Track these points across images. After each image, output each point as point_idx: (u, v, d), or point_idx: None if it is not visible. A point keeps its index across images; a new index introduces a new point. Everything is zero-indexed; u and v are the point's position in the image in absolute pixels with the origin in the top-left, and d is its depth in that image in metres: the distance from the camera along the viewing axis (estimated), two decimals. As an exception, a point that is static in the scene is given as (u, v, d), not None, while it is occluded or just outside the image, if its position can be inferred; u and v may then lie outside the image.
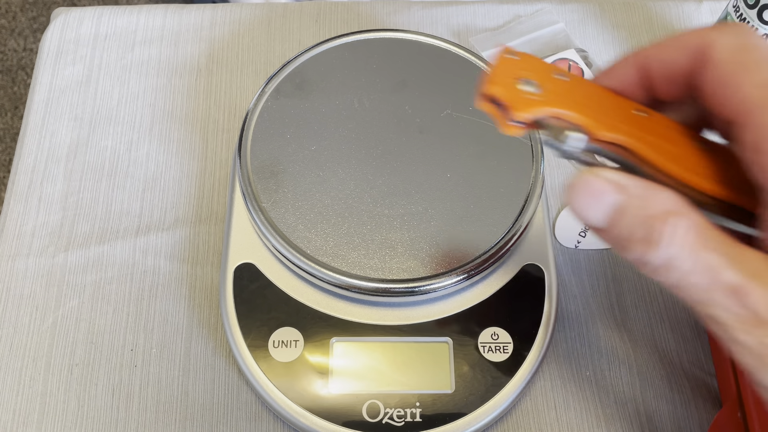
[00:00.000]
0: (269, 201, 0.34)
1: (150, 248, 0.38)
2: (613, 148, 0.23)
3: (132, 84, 0.43)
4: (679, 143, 0.23)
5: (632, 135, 0.23)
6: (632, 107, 0.24)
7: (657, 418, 0.34)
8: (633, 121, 0.23)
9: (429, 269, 0.32)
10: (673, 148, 0.23)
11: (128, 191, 0.40)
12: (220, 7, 0.47)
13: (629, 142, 0.23)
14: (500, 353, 0.33)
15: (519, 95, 0.23)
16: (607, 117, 0.23)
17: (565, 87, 0.24)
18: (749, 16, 0.36)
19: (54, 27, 0.45)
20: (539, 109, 0.23)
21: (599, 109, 0.23)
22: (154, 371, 0.35)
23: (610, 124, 0.23)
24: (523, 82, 0.24)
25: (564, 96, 0.23)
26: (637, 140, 0.23)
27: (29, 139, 0.41)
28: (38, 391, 0.34)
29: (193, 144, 0.41)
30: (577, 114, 0.23)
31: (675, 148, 0.23)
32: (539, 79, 0.24)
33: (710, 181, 0.23)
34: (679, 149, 0.23)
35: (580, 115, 0.23)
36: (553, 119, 0.23)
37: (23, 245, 0.38)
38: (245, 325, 0.33)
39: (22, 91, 1.24)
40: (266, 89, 0.37)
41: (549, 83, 0.24)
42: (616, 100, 0.24)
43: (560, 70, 0.24)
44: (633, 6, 0.48)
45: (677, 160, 0.23)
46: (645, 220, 0.20)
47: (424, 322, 0.34)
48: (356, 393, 0.32)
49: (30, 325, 0.36)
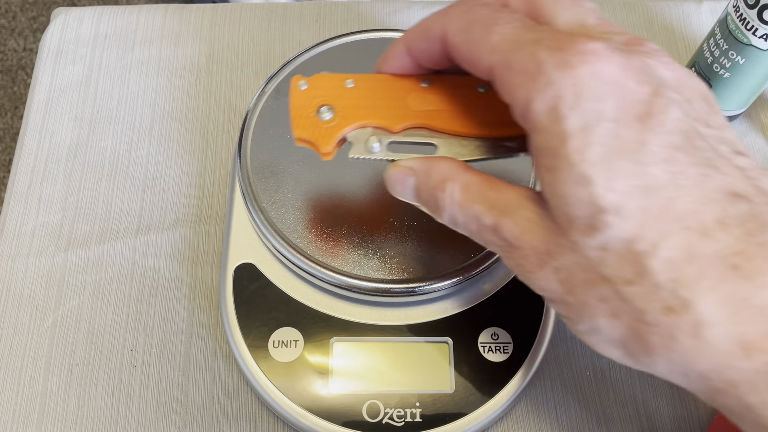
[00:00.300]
0: (269, 201, 0.34)
1: (150, 248, 0.38)
2: (412, 131, 0.27)
3: (132, 84, 0.43)
4: (455, 100, 0.27)
5: (419, 116, 0.27)
6: (418, 81, 0.27)
7: (657, 418, 0.34)
8: (418, 99, 0.27)
9: (429, 269, 0.32)
10: (451, 108, 0.27)
11: (128, 191, 0.40)
12: (220, 7, 0.47)
13: (419, 122, 0.27)
14: (500, 353, 0.33)
15: (319, 129, 0.27)
16: (396, 109, 0.27)
17: (357, 95, 0.27)
18: (749, 16, 0.36)
19: (54, 27, 0.45)
20: (339, 134, 0.27)
21: (389, 104, 0.27)
22: (154, 371, 0.35)
23: (400, 115, 0.27)
24: (321, 110, 0.27)
25: (356, 107, 0.27)
26: (424, 118, 0.27)
27: (29, 139, 0.41)
28: (38, 391, 0.34)
29: (193, 144, 0.41)
30: (368, 120, 0.27)
31: (455, 108, 0.27)
32: (332, 97, 0.27)
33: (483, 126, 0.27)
34: (458, 107, 0.27)
35: (372, 120, 0.27)
36: (354, 132, 0.27)
37: (23, 245, 0.38)
38: (245, 325, 0.33)
39: (22, 91, 1.24)
40: (266, 89, 0.37)
41: (341, 98, 0.27)
42: (402, 83, 0.27)
43: (349, 76, 0.27)
44: (633, 6, 0.48)
45: (457, 119, 0.27)
46: (430, 191, 0.25)
47: (424, 322, 0.34)
48: (356, 393, 0.32)
49: (30, 325, 0.36)
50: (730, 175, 0.21)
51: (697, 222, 0.20)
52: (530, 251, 0.23)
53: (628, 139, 0.21)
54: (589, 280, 0.21)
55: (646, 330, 0.21)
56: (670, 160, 0.21)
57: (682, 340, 0.20)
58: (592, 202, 0.21)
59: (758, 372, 0.19)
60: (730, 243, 0.20)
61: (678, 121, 0.21)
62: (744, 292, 0.19)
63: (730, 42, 0.38)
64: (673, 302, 0.20)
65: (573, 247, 0.21)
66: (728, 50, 0.38)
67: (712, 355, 0.20)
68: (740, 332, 0.19)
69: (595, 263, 0.21)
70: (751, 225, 0.20)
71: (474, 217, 0.24)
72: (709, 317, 0.19)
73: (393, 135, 0.27)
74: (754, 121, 0.44)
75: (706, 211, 0.20)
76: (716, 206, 0.20)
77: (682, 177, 0.20)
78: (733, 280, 0.20)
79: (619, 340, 0.22)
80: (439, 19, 0.25)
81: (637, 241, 0.20)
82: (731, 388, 0.20)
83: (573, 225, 0.21)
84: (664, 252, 0.20)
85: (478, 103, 0.27)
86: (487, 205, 0.24)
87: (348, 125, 0.27)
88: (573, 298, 0.22)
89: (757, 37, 0.36)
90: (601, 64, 0.21)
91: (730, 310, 0.19)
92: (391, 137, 0.27)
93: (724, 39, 0.38)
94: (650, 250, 0.20)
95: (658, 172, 0.20)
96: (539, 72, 0.21)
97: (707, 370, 0.20)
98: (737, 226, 0.20)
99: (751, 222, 0.20)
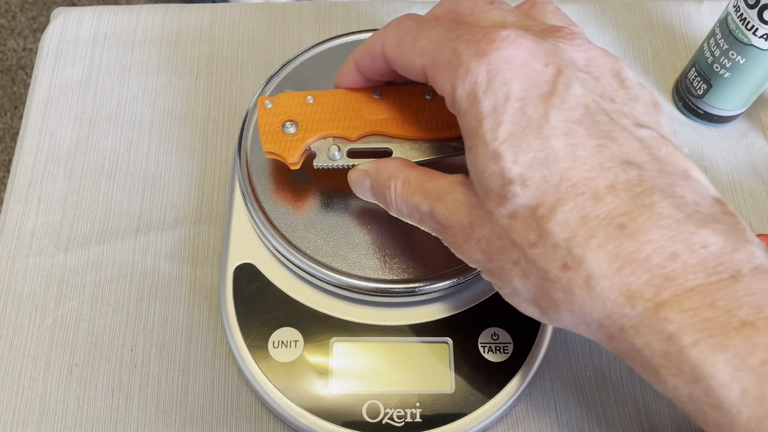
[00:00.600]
0: (269, 201, 0.34)
1: (150, 248, 0.38)
2: (368, 138, 0.31)
3: (132, 84, 0.43)
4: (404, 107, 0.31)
5: (373, 124, 0.30)
6: (371, 93, 0.31)
7: (657, 418, 0.34)
8: (371, 109, 0.31)
9: (429, 269, 0.32)
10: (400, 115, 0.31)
11: (128, 191, 0.40)
12: (220, 7, 0.47)
13: (374, 130, 0.30)
14: (500, 353, 0.33)
15: (285, 143, 0.31)
16: (352, 119, 0.30)
17: (316, 109, 0.31)
18: (749, 16, 0.36)
19: (54, 27, 0.45)
20: (302, 145, 0.31)
21: (346, 115, 0.31)
22: (153, 371, 0.35)
23: (356, 125, 0.30)
24: (286, 125, 0.31)
25: (317, 120, 0.31)
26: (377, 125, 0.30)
27: (29, 139, 0.41)
28: (38, 391, 0.34)
29: (193, 144, 0.41)
30: (328, 131, 0.30)
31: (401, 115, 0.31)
32: (295, 113, 0.31)
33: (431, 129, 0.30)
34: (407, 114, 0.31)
35: (331, 130, 0.30)
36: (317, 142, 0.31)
37: (23, 245, 0.38)
38: (245, 326, 0.33)
39: (21, 90, 1.24)
40: (266, 89, 0.37)
41: (303, 113, 0.31)
42: (356, 96, 0.31)
43: (310, 93, 0.31)
44: (633, 6, 0.48)
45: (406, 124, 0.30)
46: (380, 189, 0.29)
47: (424, 322, 0.34)
48: (356, 393, 0.32)
49: (30, 325, 0.36)
50: (627, 145, 0.24)
51: (590, 188, 0.23)
52: (458, 228, 0.25)
53: (534, 116, 0.23)
54: (503, 246, 0.24)
55: (550, 286, 0.23)
56: (569, 133, 0.23)
57: (578, 293, 0.22)
58: (502, 175, 0.23)
59: (641, 317, 0.22)
60: (618, 205, 0.22)
61: (579, 97, 0.24)
62: (628, 247, 0.22)
63: (730, 42, 0.38)
64: (568, 259, 0.22)
65: (489, 217, 0.24)
66: (728, 50, 0.38)
67: (603, 304, 0.22)
68: (624, 283, 0.22)
69: (507, 230, 0.24)
70: (639, 189, 0.22)
71: (414, 206, 0.27)
72: (598, 271, 0.22)
73: (351, 143, 0.31)
74: (754, 121, 0.44)
75: (598, 178, 0.23)
76: (609, 173, 0.23)
77: (580, 148, 0.23)
78: (619, 237, 0.22)
79: (533, 299, 0.24)
80: (378, 38, 0.28)
81: (538, 207, 0.23)
82: (621, 333, 0.22)
83: (488, 196, 0.24)
84: (560, 215, 0.22)
85: (426, 109, 0.31)
86: (424, 195, 0.27)
87: (310, 137, 0.31)
88: (493, 265, 0.25)
89: (758, 37, 0.36)
90: (512, 49, 0.24)
91: (616, 265, 0.22)
92: (349, 145, 0.31)
93: (725, 39, 0.38)
94: (549, 214, 0.23)
95: (558, 144, 0.23)
96: (459, 63, 0.24)
97: (601, 318, 0.23)
98: (626, 191, 0.22)
99: (639, 187, 0.23)
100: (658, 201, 0.22)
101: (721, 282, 0.21)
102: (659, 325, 0.21)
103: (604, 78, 0.25)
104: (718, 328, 0.21)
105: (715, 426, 0.21)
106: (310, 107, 0.31)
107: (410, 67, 0.27)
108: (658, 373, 0.22)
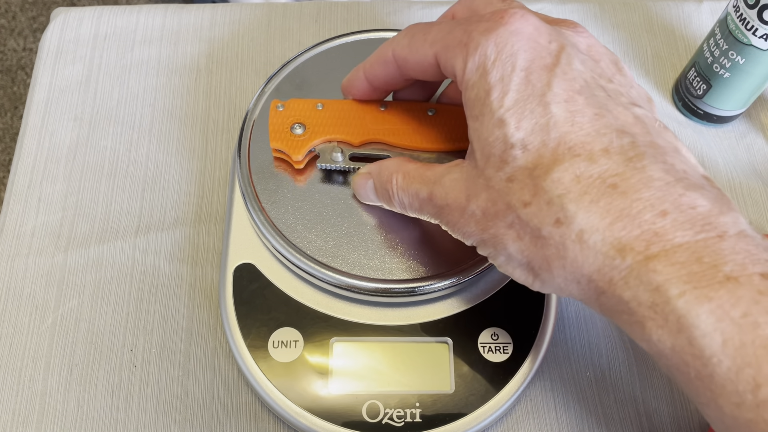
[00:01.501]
0: (269, 201, 0.34)
1: (150, 248, 0.38)
2: (370, 146, 0.33)
3: (132, 84, 0.43)
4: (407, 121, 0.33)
5: (376, 133, 0.33)
6: (377, 105, 0.33)
7: (657, 418, 0.34)
8: (376, 120, 0.33)
9: (429, 269, 0.32)
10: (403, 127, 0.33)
11: (128, 191, 0.40)
12: (220, 7, 0.47)
13: (376, 138, 0.33)
14: (500, 353, 0.33)
15: (292, 142, 0.33)
16: (356, 127, 0.33)
17: (325, 115, 0.33)
18: (749, 16, 0.36)
19: (54, 27, 0.45)
20: (308, 146, 0.33)
21: (351, 122, 0.33)
22: (153, 371, 0.35)
23: (359, 132, 0.33)
24: (294, 127, 0.33)
25: (324, 125, 0.33)
26: (377, 134, 0.33)
27: (29, 139, 0.41)
28: (38, 391, 0.34)
29: (193, 144, 0.41)
30: (333, 135, 0.33)
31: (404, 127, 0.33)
32: (305, 117, 0.33)
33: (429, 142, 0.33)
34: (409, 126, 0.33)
35: (336, 135, 0.33)
36: (322, 145, 0.33)
37: (23, 245, 0.38)
38: (245, 326, 0.33)
39: (21, 91, 1.24)
40: (266, 89, 0.37)
41: (312, 118, 0.33)
42: (363, 107, 0.33)
43: (320, 101, 0.33)
44: (633, 6, 0.48)
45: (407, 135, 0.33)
46: (383, 186, 0.30)
47: (424, 322, 0.34)
48: (356, 393, 0.32)
49: (30, 325, 0.36)
50: (622, 118, 0.25)
51: (586, 151, 0.24)
52: (455, 205, 0.27)
53: (537, 84, 0.25)
54: (498, 211, 0.25)
55: (543, 243, 0.24)
56: (569, 101, 0.25)
57: (570, 247, 0.23)
58: (505, 140, 0.25)
59: (630, 269, 0.23)
60: (611, 167, 0.24)
61: (580, 72, 0.25)
62: (620, 204, 0.23)
63: (730, 42, 0.38)
64: (561, 215, 0.23)
65: (487, 183, 0.25)
66: (728, 50, 0.38)
67: (594, 257, 0.23)
68: (616, 237, 0.23)
69: (503, 193, 0.25)
70: (632, 153, 0.24)
71: (414, 194, 0.29)
72: (590, 225, 0.23)
73: (354, 148, 0.33)
74: (754, 121, 0.44)
75: (594, 143, 0.24)
76: (604, 138, 0.24)
77: (579, 115, 0.24)
78: (611, 195, 0.23)
79: (526, 262, 0.25)
80: (388, 45, 0.30)
81: (536, 168, 0.24)
82: (610, 286, 0.23)
83: (489, 162, 0.25)
84: (555, 174, 0.24)
85: (426, 123, 0.33)
86: (422, 182, 0.28)
87: (316, 139, 0.33)
88: (487, 234, 0.26)
89: (757, 37, 0.36)
90: (518, 23, 0.25)
91: (608, 219, 0.23)
92: (352, 150, 0.33)
93: (724, 39, 0.38)
94: (544, 174, 0.24)
95: (558, 111, 0.24)
96: (470, 40, 0.26)
97: (592, 272, 0.23)
98: (619, 155, 0.24)
99: (632, 151, 0.24)
100: (649, 165, 0.24)
101: (708, 240, 0.22)
102: (647, 277, 0.22)
103: (603, 62, 0.27)
104: (703, 281, 0.22)
105: (697, 377, 0.22)
106: (318, 113, 0.33)
107: (421, 61, 0.28)
108: (643, 325, 0.23)
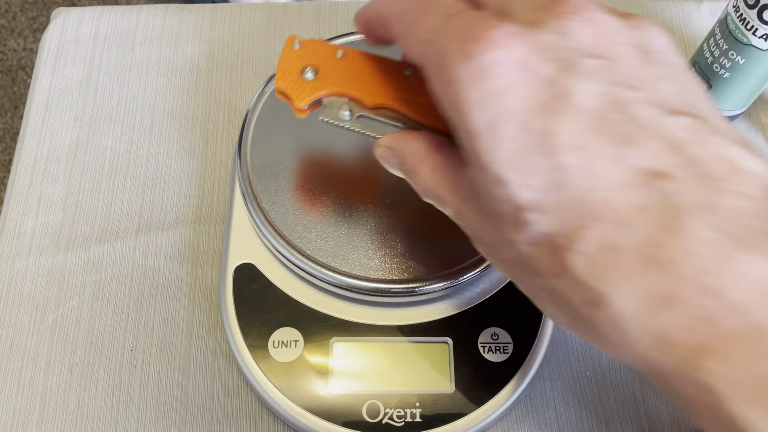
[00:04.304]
0: (269, 201, 0.34)
1: (150, 248, 0.38)
2: (383, 111, 0.28)
3: (132, 84, 0.43)
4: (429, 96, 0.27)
5: (392, 98, 0.28)
6: (403, 68, 0.28)
7: (657, 418, 0.34)
8: (398, 84, 0.28)
9: (429, 269, 0.32)
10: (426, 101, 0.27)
11: (128, 191, 0.40)
12: (220, 7, 0.47)
13: (391, 104, 0.28)
14: (500, 353, 0.33)
15: (299, 85, 0.28)
16: (374, 87, 0.28)
17: (343, 66, 0.28)
18: (749, 16, 0.36)
19: (54, 27, 0.45)
20: (315, 94, 0.28)
21: (369, 81, 0.28)
22: (154, 371, 0.35)
23: (376, 93, 0.28)
24: (306, 70, 0.28)
25: (339, 75, 0.28)
26: (396, 101, 0.28)
27: (29, 139, 0.41)
28: (38, 391, 0.34)
29: (193, 144, 0.41)
30: (346, 90, 0.28)
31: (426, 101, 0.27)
32: (320, 63, 0.28)
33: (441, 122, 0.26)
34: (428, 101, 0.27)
35: (349, 90, 0.28)
36: (331, 97, 0.28)
37: (23, 245, 0.38)
38: (245, 326, 0.33)
39: (22, 91, 1.24)
40: (266, 89, 0.37)
41: (328, 65, 0.28)
42: (386, 65, 0.28)
43: (342, 48, 0.28)
44: (633, 6, 0.48)
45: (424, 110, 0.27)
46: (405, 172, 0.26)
47: (424, 322, 0.34)
48: (356, 393, 0.32)
49: (30, 325, 0.36)
50: (652, 149, 0.20)
51: (612, 211, 0.19)
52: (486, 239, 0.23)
53: (538, 130, 0.20)
54: (527, 272, 0.22)
55: (580, 321, 0.21)
56: (582, 146, 0.20)
57: (606, 332, 0.20)
58: (510, 201, 0.20)
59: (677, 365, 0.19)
60: (645, 231, 0.19)
61: (590, 98, 0.20)
62: (659, 283, 0.19)
63: (730, 42, 0.38)
64: (592, 296, 0.20)
65: (508, 242, 0.22)
66: (728, 50, 0.38)
67: (634, 347, 0.20)
68: (657, 327, 0.19)
69: (526, 257, 0.21)
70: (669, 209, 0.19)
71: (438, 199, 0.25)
72: (626, 312, 0.19)
73: (364, 110, 0.29)
74: (754, 121, 0.44)
75: (620, 199, 0.19)
76: (632, 192, 0.19)
77: (596, 162, 0.20)
78: (649, 271, 0.19)
79: (569, 325, 0.22)
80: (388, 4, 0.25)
81: (556, 236, 0.20)
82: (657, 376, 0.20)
83: (502, 221, 0.21)
84: (579, 246, 0.20)
85: None
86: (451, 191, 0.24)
87: (326, 88, 0.28)
88: (523, 287, 0.23)
89: (757, 37, 0.36)
90: (502, 49, 0.20)
91: (647, 305, 0.19)
92: (362, 111, 0.29)
93: (724, 39, 0.38)
94: (567, 244, 0.20)
95: (570, 161, 0.20)
96: (443, 67, 0.21)
97: (636, 359, 0.20)
98: (653, 212, 0.19)
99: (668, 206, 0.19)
100: (692, 222, 0.19)
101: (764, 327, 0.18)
102: (698, 377, 0.19)
103: (622, 57, 0.21)
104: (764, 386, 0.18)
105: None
106: (336, 61, 0.29)
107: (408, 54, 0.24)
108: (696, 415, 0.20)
